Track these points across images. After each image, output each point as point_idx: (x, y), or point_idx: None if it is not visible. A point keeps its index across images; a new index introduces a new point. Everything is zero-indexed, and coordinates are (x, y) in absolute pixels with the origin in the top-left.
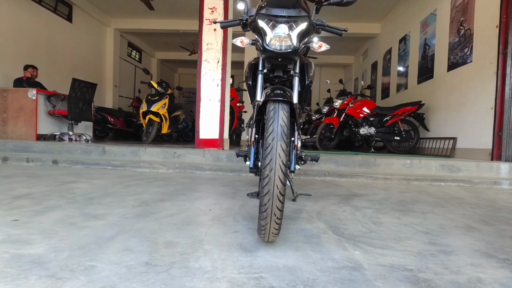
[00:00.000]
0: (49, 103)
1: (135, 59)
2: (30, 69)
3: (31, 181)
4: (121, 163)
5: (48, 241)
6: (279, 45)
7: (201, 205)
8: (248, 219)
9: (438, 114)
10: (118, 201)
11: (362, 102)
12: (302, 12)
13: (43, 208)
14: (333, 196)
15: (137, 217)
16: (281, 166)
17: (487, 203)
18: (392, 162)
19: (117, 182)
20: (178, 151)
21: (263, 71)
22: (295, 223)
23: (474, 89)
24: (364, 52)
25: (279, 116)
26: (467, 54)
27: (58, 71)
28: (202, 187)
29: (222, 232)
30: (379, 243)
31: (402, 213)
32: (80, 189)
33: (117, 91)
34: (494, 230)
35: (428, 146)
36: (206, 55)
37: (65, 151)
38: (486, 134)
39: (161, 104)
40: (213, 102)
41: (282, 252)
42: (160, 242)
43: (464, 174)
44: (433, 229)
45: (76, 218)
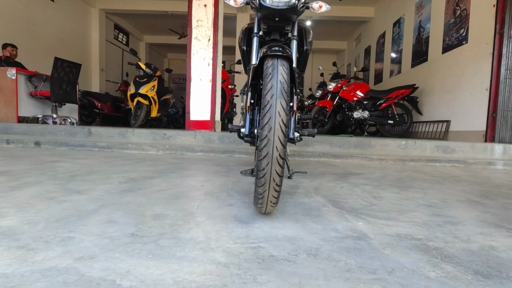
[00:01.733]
0: (31, 84)
1: (122, 42)
2: (9, 47)
3: (9, 160)
4: (108, 144)
5: (22, 214)
6: (276, 0)
7: (193, 182)
8: (243, 194)
9: (432, 97)
10: (103, 178)
11: (356, 85)
12: None
13: (21, 184)
14: (330, 174)
15: (123, 192)
16: (281, 126)
17: (485, 181)
18: (387, 143)
19: (103, 162)
20: (168, 132)
21: (259, 34)
22: (293, 197)
23: (469, 70)
24: (357, 37)
25: (278, 72)
26: (462, 35)
27: (40, 52)
28: (194, 166)
29: (215, 206)
30: (382, 215)
31: (401, 189)
32: (63, 168)
33: (104, 75)
34: (497, 203)
35: (421, 130)
36: (197, 33)
37: (48, 133)
38: (480, 116)
39: (150, 86)
40: (204, 82)
41: (281, 223)
42: (148, 215)
43: (459, 155)
44: (435, 203)
45: (56, 193)
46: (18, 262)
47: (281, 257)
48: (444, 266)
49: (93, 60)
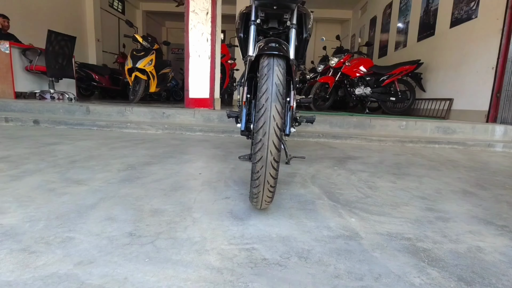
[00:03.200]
0: (25, 58)
1: (118, 10)
2: (0, 18)
3: (9, 142)
4: (106, 123)
5: (24, 209)
6: None
7: (191, 169)
8: (240, 183)
9: (436, 74)
10: (102, 165)
11: (359, 60)
12: None
13: (21, 172)
14: (328, 158)
15: (122, 182)
16: (275, 130)
17: (482, 166)
18: (387, 124)
19: (102, 144)
20: (167, 111)
21: (256, 22)
22: (289, 188)
23: (477, 47)
24: (363, 6)
25: (273, 73)
26: (472, 9)
27: (32, 23)
28: (192, 149)
29: (212, 198)
30: (375, 210)
31: (397, 176)
32: (62, 152)
33: (100, 45)
34: (491, 194)
35: (423, 107)
36: (194, 5)
37: (47, 111)
38: (484, 95)
39: (148, 60)
40: (202, 59)
41: (276, 220)
42: (146, 210)
43: (459, 136)
44: (429, 194)
45: (56, 183)
46: (20, 267)
47: (273, 261)
48: (429, 272)
49: (88, 30)
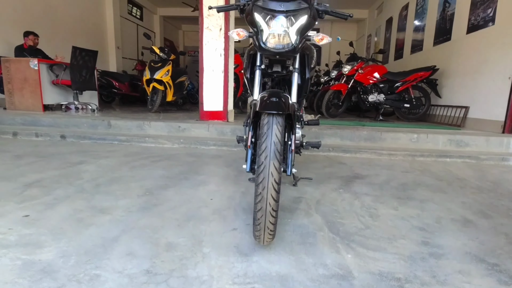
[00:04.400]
0: (52, 72)
1: (136, 16)
2: (31, 36)
3: (41, 162)
4: (126, 138)
5: (57, 243)
6: (276, 44)
7: (203, 194)
8: (248, 211)
9: (452, 80)
10: (123, 189)
11: (373, 67)
12: (302, 3)
13: (53, 199)
14: (335, 178)
15: (141, 211)
16: (273, 185)
17: (490, 186)
18: (398, 137)
19: (123, 163)
20: (183, 125)
21: (261, 67)
22: (293, 217)
23: (493, 55)
24: (379, 6)
25: (272, 133)
26: (489, 16)
27: (58, 35)
28: (206, 168)
29: (221, 230)
30: (372, 244)
31: (400, 201)
32: (87, 173)
33: (120, 53)
34: (491, 224)
35: (438, 114)
36: (208, 22)
37: (72, 125)
38: (500, 105)
39: (164, 71)
40: (216, 73)
41: (277, 256)
42: (162, 244)
43: (472, 149)
44: (428, 224)
45: (83, 212)
46: None
47: None
48: None
49: (109, 38)
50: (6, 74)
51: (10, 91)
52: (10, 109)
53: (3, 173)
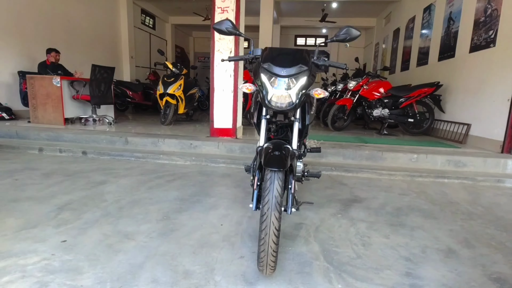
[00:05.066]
0: (72, 88)
1: (149, 26)
2: (53, 53)
3: (67, 182)
4: (142, 155)
5: (93, 269)
6: (279, 103)
7: (214, 218)
8: (253, 238)
9: (455, 97)
10: (144, 213)
11: (377, 83)
12: (302, 67)
13: (83, 224)
14: (335, 202)
15: (161, 237)
16: (274, 232)
17: (481, 212)
18: (398, 157)
19: (140, 183)
20: (194, 142)
21: (267, 117)
22: (293, 244)
23: (493, 76)
24: (387, 16)
25: (274, 187)
26: (491, 38)
27: (76, 48)
28: (216, 189)
29: (230, 258)
30: (361, 274)
31: (393, 229)
32: (110, 194)
33: (133, 62)
34: (472, 255)
35: (442, 128)
36: (219, 46)
37: (92, 141)
38: (499, 126)
39: (177, 85)
40: (226, 93)
41: (277, 285)
42: (180, 272)
43: (470, 169)
44: (415, 254)
45: (111, 238)
46: None
47: None
48: None
49: (123, 48)
50: (30, 90)
51: (34, 106)
52: (34, 122)
53: (36, 194)
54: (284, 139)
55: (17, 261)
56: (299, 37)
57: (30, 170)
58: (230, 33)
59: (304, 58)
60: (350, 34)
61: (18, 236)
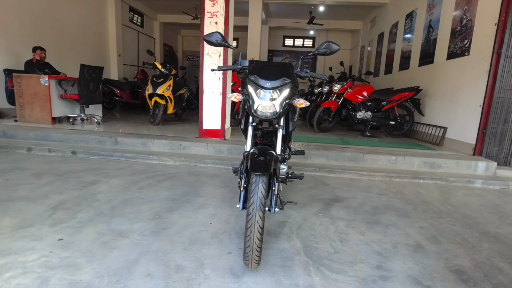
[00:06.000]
0: (60, 87)
1: (137, 23)
2: (39, 51)
3: (59, 182)
4: (132, 155)
5: (91, 265)
6: (264, 112)
7: (204, 217)
8: (240, 235)
9: (433, 101)
10: (136, 212)
11: (361, 87)
12: (286, 79)
13: (78, 223)
14: (317, 201)
15: (153, 235)
16: (258, 230)
17: (450, 211)
18: (378, 158)
19: (131, 183)
20: (184, 143)
21: (253, 124)
22: (277, 241)
23: (467, 83)
24: (372, 20)
25: (258, 190)
26: (466, 46)
27: (63, 45)
28: (205, 189)
29: (218, 253)
30: (337, 267)
31: (369, 226)
32: (102, 194)
33: (121, 60)
34: (437, 249)
35: (421, 131)
36: (208, 49)
37: (81, 141)
38: (472, 130)
39: (166, 86)
40: (215, 95)
41: (261, 277)
42: (172, 266)
43: (444, 170)
44: (386, 249)
45: (106, 236)
46: None
47: None
48: None
49: (110, 46)
50: (17, 89)
51: (21, 105)
52: (20, 121)
53: (29, 193)
54: (269, 144)
55: (17, 258)
56: (287, 38)
57: (20, 170)
58: (220, 44)
59: (287, 71)
60: (330, 48)
61: (15, 235)
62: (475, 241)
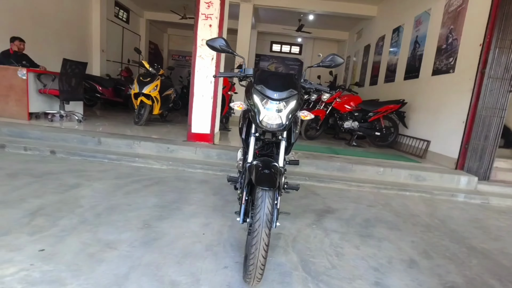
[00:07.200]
0: (39, 81)
1: (123, 19)
2: (17, 41)
3: (37, 184)
4: (117, 157)
5: (77, 280)
6: (270, 124)
7: (195, 226)
8: (235, 247)
9: (418, 115)
10: (123, 220)
11: (349, 97)
12: (293, 91)
13: (60, 231)
14: (309, 212)
15: (143, 246)
16: (264, 247)
17: (437, 224)
18: (366, 169)
19: (116, 187)
20: (171, 146)
21: (256, 134)
22: (273, 255)
23: (451, 100)
24: (358, 31)
25: (265, 206)
26: (451, 64)
27: (43, 37)
28: (195, 196)
29: (214, 268)
30: (336, 284)
31: (362, 240)
32: (85, 199)
33: (104, 55)
34: (430, 265)
35: (405, 143)
36: (201, 51)
37: (61, 139)
38: (455, 144)
39: (153, 86)
40: (205, 99)
41: None
42: (166, 282)
43: (428, 183)
44: (382, 264)
45: (92, 247)
46: None
47: None
48: None
49: (94, 41)
50: None
51: None
52: None
53: (3, 197)
54: (268, 155)
55: None
56: (274, 44)
57: None
58: (223, 51)
59: (294, 83)
60: (335, 61)
61: None
62: (464, 256)
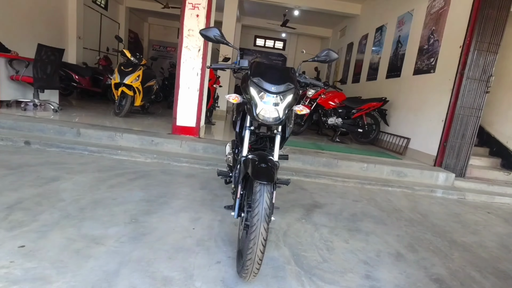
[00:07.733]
0: (11, 67)
1: (101, 5)
2: None
3: (12, 177)
4: (98, 149)
5: (63, 278)
6: (266, 117)
7: (185, 221)
8: (227, 242)
9: (399, 113)
10: (109, 215)
11: (334, 94)
12: (290, 85)
13: (42, 226)
14: (298, 207)
15: (132, 241)
16: (262, 242)
17: (420, 219)
18: (351, 165)
19: (99, 180)
20: (156, 139)
21: (251, 128)
22: (266, 249)
23: (431, 99)
24: (342, 29)
25: (263, 200)
26: (432, 64)
27: (16, 22)
28: (183, 190)
29: (207, 263)
30: (328, 277)
31: (351, 234)
32: (66, 192)
33: (81, 43)
34: (416, 258)
35: (386, 140)
36: (187, 42)
37: (37, 130)
38: (434, 142)
39: (135, 76)
40: (191, 91)
41: None
42: (159, 278)
43: (409, 179)
44: (371, 258)
45: (78, 242)
46: None
47: None
48: None
49: (70, 27)
50: None
51: None
52: None
53: None
54: (262, 149)
55: None
56: (258, 38)
57: None
58: (218, 41)
59: (291, 76)
60: (330, 56)
61: None
62: (446, 249)
